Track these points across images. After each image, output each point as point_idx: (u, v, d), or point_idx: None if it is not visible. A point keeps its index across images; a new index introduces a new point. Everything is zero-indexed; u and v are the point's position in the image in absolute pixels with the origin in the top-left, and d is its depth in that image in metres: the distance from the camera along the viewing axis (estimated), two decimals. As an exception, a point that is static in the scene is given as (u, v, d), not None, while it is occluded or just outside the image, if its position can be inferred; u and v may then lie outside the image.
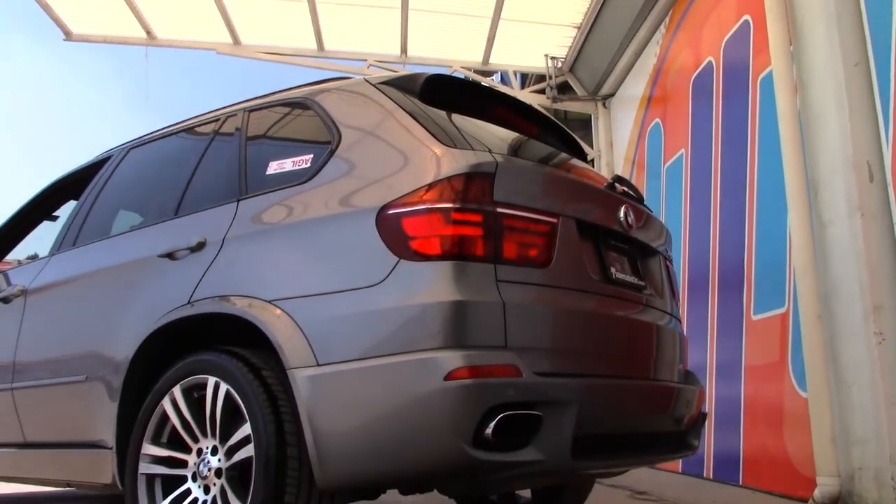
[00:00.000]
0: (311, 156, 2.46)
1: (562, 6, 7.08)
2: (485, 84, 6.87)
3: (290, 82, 2.87)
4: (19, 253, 3.99)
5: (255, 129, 2.81)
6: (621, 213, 2.57)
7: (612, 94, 7.94)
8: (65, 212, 3.79)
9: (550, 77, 7.94)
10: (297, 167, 2.47)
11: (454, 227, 2.05)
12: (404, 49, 7.72)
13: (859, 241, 3.70)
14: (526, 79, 9.99)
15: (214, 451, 2.24)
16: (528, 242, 2.20)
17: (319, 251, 2.23)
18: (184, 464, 2.31)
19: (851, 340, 3.71)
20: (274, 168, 2.55)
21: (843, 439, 3.73)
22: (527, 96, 7.80)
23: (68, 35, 7.53)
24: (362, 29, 7.48)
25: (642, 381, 2.52)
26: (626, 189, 2.79)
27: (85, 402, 2.72)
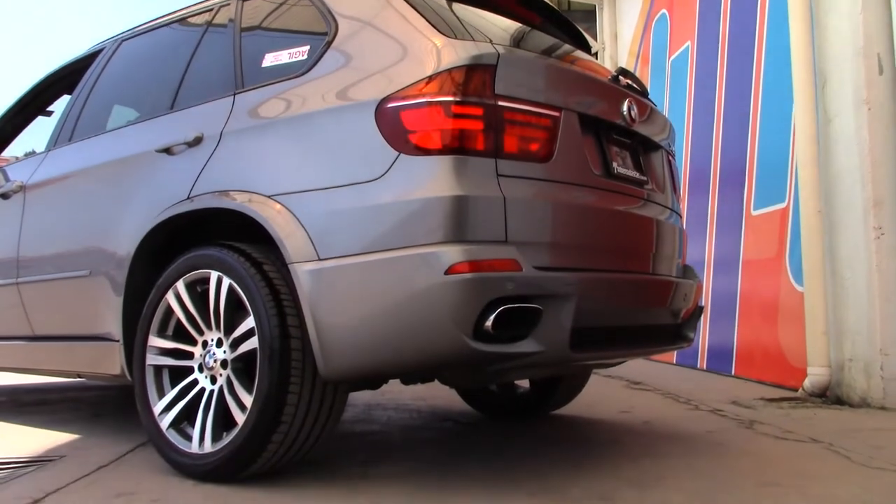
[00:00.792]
0: (308, 47, 2.40)
1: None
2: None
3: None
4: (16, 150, 3.97)
5: (250, 19, 2.73)
6: (625, 107, 2.53)
7: (617, -17, 7.69)
8: (59, 106, 3.74)
9: (554, -35, 7.65)
10: (294, 59, 2.41)
11: (455, 121, 2.02)
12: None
13: (864, 133, 3.66)
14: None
15: (219, 344, 2.28)
16: (530, 136, 2.17)
17: (318, 146, 2.20)
18: (190, 355, 2.36)
19: (850, 234, 3.73)
20: (270, 60, 2.49)
21: (835, 331, 3.81)
22: (529, -15, 7.53)
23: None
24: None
25: (641, 276, 2.54)
26: (630, 82, 2.74)
27: (90, 296, 2.76)
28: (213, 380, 2.28)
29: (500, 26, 2.55)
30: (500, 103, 2.08)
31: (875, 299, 3.62)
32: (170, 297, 2.38)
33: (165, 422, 2.33)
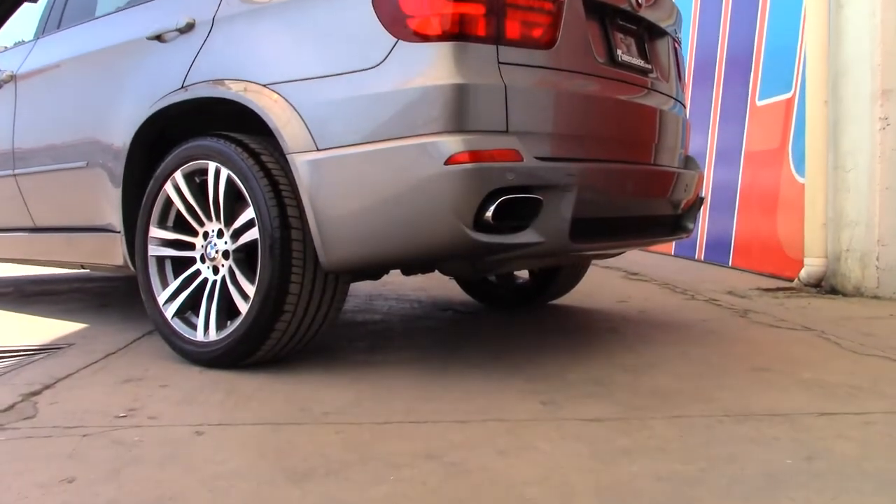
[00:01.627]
0: (301, -74, 2.29)
1: None
2: None
3: None
4: (3, 39, 3.86)
5: None
6: (630, -10, 2.44)
7: None
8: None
9: None
10: (287, -61, 2.31)
11: (455, 5, 1.95)
12: None
13: (877, 20, 3.56)
14: None
15: (220, 234, 2.29)
16: (532, 22, 2.11)
17: (315, 32, 2.14)
18: (191, 246, 2.37)
19: (855, 125, 3.68)
20: (261, -60, 2.38)
21: (834, 222, 3.83)
22: None
23: None
24: None
25: (642, 166, 2.53)
26: (636, -36, 2.63)
27: (89, 188, 2.75)
28: (215, 270, 2.30)
29: None
30: (502, -14, 2.00)
31: (876, 191, 3.61)
32: (168, 188, 2.37)
33: (170, 311, 2.36)
